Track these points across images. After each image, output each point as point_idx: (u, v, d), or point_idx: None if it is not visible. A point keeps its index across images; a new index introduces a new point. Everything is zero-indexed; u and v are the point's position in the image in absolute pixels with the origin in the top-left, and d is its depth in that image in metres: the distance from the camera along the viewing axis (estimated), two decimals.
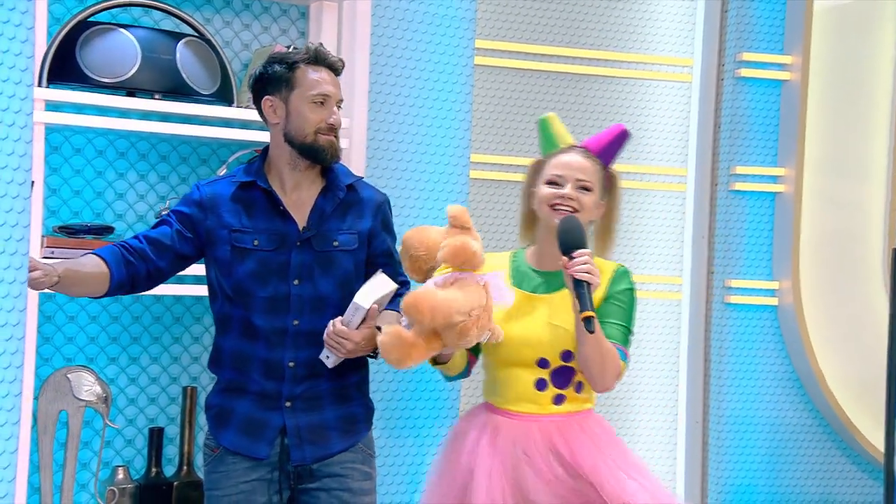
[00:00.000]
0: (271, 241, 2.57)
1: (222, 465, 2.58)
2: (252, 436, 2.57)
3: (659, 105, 4.08)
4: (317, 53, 2.59)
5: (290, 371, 2.57)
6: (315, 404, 2.60)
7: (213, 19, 3.29)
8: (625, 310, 2.66)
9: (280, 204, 2.58)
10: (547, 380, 2.65)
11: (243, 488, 2.56)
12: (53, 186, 3.09)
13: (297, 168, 2.61)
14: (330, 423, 2.62)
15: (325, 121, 2.57)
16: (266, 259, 2.55)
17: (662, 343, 4.08)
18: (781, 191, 3.97)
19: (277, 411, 2.58)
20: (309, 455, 2.58)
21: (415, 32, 3.43)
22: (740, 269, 3.96)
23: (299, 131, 2.56)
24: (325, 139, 2.57)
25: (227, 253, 2.56)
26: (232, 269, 2.56)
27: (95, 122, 2.94)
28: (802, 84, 3.92)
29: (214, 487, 2.60)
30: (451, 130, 3.50)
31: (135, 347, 3.23)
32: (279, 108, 2.58)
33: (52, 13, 3.01)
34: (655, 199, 4.08)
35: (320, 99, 2.57)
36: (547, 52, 3.92)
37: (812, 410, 3.98)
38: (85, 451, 3.15)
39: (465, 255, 2.45)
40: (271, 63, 2.59)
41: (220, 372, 2.65)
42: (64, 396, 3.00)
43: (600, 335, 2.53)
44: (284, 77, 2.56)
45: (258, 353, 2.56)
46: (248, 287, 2.55)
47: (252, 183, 2.60)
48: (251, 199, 2.59)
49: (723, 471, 3.94)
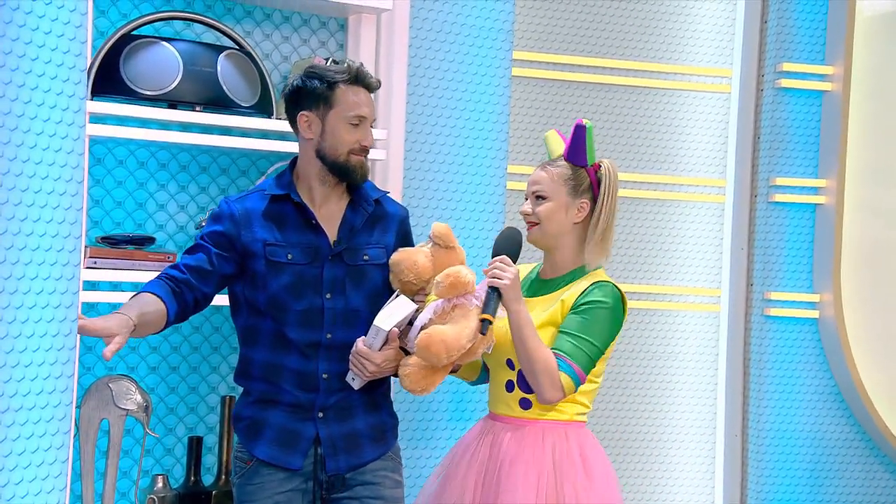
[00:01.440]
0: (305, 254, 2.58)
1: (257, 476, 2.58)
2: (286, 447, 2.58)
3: (698, 116, 4.06)
4: (358, 73, 2.60)
5: (325, 383, 2.59)
6: (347, 414, 2.62)
7: (253, 32, 3.32)
8: (583, 322, 2.59)
9: (312, 218, 2.60)
10: (514, 381, 2.68)
11: (278, 499, 2.57)
12: (96, 197, 3.12)
13: (327, 183, 2.63)
14: (362, 432, 2.64)
15: (359, 142, 2.59)
16: (301, 272, 2.57)
17: (701, 355, 4.05)
18: (822, 202, 3.94)
19: (310, 422, 2.59)
20: (343, 464, 2.60)
21: (452, 44, 3.44)
22: (780, 282, 3.93)
23: (333, 150, 2.58)
24: (356, 159, 2.60)
25: (262, 266, 2.57)
26: (267, 283, 2.57)
27: (138, 133, 2.97)
28: (844, 94, 3.89)
29: (249, 499, 2.60)
30: (489, 142, 3.50)
31: (174, 357, 3.25)
32: (315, 125, 2.59)
33: (96, 27, 3.05)
34: (694, 210, 4.06)
35: (357, 120, 2.58)
36: (584, 63, 3.91)
37: (854, 424, 3.94)
38: (125, 459, 3.17)
39: (460, 288, 2.53)
40: (310, 78, 2.59)
41: (249, 384, 2.65)
42: (106, 405, 3.03)
43: (531, 341, 2.54)
44: (323, 94, 2.57)
45: (291, 365, 2.57)
46: (284, 300, 2.56)
47: (284, 196, 2.61)
48: (283, 213, 2.60)
49: (762, 485, 3.90)
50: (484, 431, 2.74)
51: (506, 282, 2.53)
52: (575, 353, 2.57)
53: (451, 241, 2.63)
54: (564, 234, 2.71)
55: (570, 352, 2.57)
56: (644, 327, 3.99)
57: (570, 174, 2.70)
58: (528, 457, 2.61)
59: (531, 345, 2.55)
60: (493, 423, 2.74)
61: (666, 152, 4.03)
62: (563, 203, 2.69)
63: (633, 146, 3.99)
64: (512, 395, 2.67)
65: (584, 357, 2.58)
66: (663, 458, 4.01)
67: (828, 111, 3.94)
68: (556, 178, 2.70)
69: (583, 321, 2.60)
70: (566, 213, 2.69)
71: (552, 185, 2.70)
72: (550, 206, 2.69)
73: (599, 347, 2.61)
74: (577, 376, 2.57)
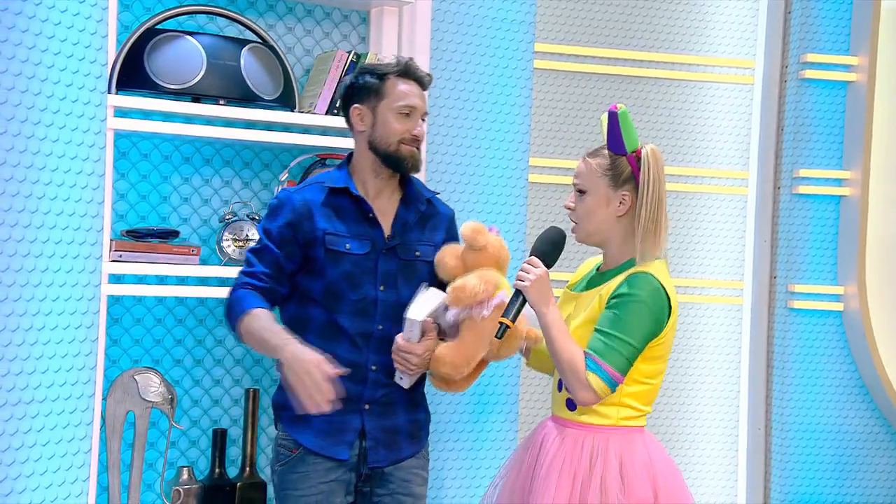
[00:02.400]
0: (362, 245, 2.63)
1: (302, 465, 2.60)
2: (333, 437, 2.60)
3: (720, 107, 4.04)
4: (407, 67, 2.67)
5: (373, 375, 2.62)
6: (389, 409, 2.66)
7: (275, 25, 3.33)
8: (614, 318, 2.48)
9: (370, 211, 2.64)
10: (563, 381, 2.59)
11: (322, 489, 2.59)
12: (121, 191, 3.15)
13: (380, 176, 2.67)
14: (402, 428, 2.68)
15: (409, 131, 2.64)
16: (358, 262, 2.61)
17: (724, 348, 4.04)
18: (847, 194, 3.91)
19: (356, 413, 2.62)
20: (383, 458, 2.64)
21: (474, 36, 3.44)
22: (804, 274, 3.90)
23: (383, 140, 2.63)
24: (407, 149, 2.64)
25: (322, 255, 2.60)
26: (325, 271, 2.60)
27: (162, 127, 3.00)
28: (869, 85, 3.85)
29: (292, 488, 2.61)
30: (511, 134, 3.50)
31: (199, 350, 3.28)
32: (366, 117, 2.65)
33: (120, 21, 3.07)
34: (717, 202, 4.04)
35: (406, 110, 2.63)
36: (607, 55, 3.90)
37: (878, 417, 3.91)
38: (151, 451, 3.20)
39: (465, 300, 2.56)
40: (363, 74, 2.67)
41: None
42: (131, 397, 3.05)
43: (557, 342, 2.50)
44: (374, 87, 2.64)
45: (341, 355, 2.58)
46: (341, 289, 2.59)
47: (342, 189, 2.65)
48: (340, 205, 2.64)
49: (786, 479, 3.88)
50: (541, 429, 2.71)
51: (527, 284, 2.52)
52: (605, 352, 2.46)
53: (476, 243, 2.63)
54: (607, 229, 2.59)
55: (600, 350, 2.46)
56: None
57: (609, 164, 2.56)
58: (566, 459, 2.55)
59: (557, 346, 2.51)
60: (548, 423, 2.69)
61: (689, 144, 4.02)
62: (604, 196, 2.57)
63: (657, 138, 3.97)
64: (561, 394, 2.63)
65: (617, 356, 2.46)
66: (686, 451, 4.00)
67: (852, 102, 3.91)
68: (595, 169, 2.58)
69: (614, 317, 2.48)
70: (607, 206, 2.57)
71: (591, 177, 2.58)
72: (589, 202, 2.58)
73: (634, 345, 2.47)
74: (609, 376, 2.46)
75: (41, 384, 1.96)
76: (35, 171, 1.92)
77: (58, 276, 1.99)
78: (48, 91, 1.94)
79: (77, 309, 2.03)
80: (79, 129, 2.01)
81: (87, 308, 2.06)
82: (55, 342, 1.98)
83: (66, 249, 2.00)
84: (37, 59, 1.92)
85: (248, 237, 3.14)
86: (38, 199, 1.94)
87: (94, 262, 2.07)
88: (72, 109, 2.00)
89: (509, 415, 3.48)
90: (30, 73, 1.91)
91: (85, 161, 2.03)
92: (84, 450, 2.09)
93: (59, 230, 1.98)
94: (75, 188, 2.01)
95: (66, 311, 2.00)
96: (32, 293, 1.94)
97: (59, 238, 1.99)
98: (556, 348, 2.51)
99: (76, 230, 2.03)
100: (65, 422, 2.02)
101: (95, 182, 2.06)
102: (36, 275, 1.95)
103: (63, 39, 1.97)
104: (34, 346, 1.93)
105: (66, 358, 2.01)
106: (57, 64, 1.96)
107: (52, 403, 1.99)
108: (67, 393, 2.02)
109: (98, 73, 2.04)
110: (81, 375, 2.05)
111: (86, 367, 2.06)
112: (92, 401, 2.10)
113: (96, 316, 2.09)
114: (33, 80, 1.93)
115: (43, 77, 1.94)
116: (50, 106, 1.94)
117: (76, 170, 2.01)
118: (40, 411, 1.97)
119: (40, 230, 1.94)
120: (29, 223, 1.92)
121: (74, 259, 2.02)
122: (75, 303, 2.02)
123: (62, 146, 1.97)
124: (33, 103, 1.92)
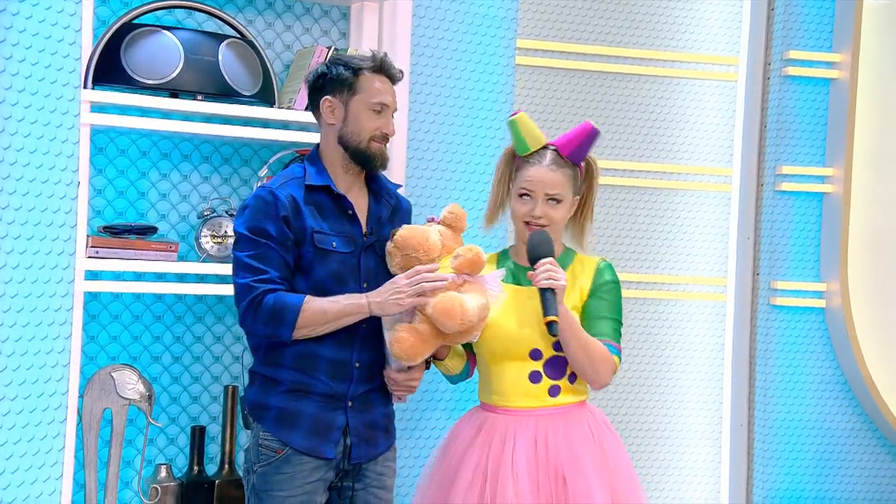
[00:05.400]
0: (346, 244, 2.61)
1: (288, 465, 2.57)
2: (320, 437, 2.59)
3: (703, 104, 4.04)
4: (382, 63, 2.65)
5: (357, 371, 2.62)
6: (369, 405, 2.66)
7: (255, 21, 3.31)
8: (611, 303, 2.72)
9: (350, 208, 2.63)
10: (541, 371, 2.69)
11: (307, 488, 2.58)
12: (98, 187, 3.12)
13: (350, 172, 2.66)
14: (378, 423, 2.69)
15: (380, 129, 2.62)
16: (343, 261, 2.60)
17: (707, 345, 4.04)
18: (829, 191, 3.91)
19: (341, 411, 2.61)
20: (364, 454, 2.64)
21: (455, 32, 3.43)
22: (787, 271, 3.91)
23: (354, 136, 2.61)
24: (376, 146, 2.63)
25: (310, 253, 2.58)
26: (313, 270, 2.58)
27: (139, 123, 2.97)
28: (851, 82, 3.86)
29: (277, 489, 2.58)
30: (492, 130, 3.49)
31: (177, 347, 3.26)
32: (338, 110, 2.62)
33: (97, 16, 3.05)
34: (700, 199, 4.04)
35: (379, 107, 2.62)
36: (589, 52, 3.89)
37: (860, 414, 3.92)
38: (129, 448, 3.18)
39: (478, 267, 2.60)
40: (335, 64, 2.63)
41: (278, 372, 2.60)
42: (108, 394, 3.03)
43: (582, 335, 2.61)
44: (348, 81, 2.61)
45: (324, 354, 2.58)
46: (329, 288, 2.57)
47: (321, 187, 2.61)
48: (321, 203, 2.62)
49: (768, 475, 3.88)
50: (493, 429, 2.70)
51: (563, 283, 2.57)
52: (615, 335, 2.71)
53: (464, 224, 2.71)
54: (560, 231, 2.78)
55: (612, 335, 2.70)
56: (650, 317, 3.98)
57: (573, 174, 2.73)
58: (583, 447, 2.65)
59: (585, 339, 2.63)
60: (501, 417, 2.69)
61: (672, 141, 4.01)
62: (570, 203, 2.74)
63: (639, 135, 3.97)
64: (539, 385, 2.68)
65: (619, 334, 2.73)
66: (669, 447, 4.00)
67: (835, 99, 3.91)
68: (567, 179, 2.71)
69: (610, 302, 2.72)
70: (569, 211, 2.75)
71: (565, 186, 2.71)
72: (563, 210, 2.71)
73: (622, 322, 2.76)
74: (621, 353, 2.72)
75: (13, 381, 1.95)
76: (6, 166, 1.90)
77: (30, 273, 1.97)
78: (19, 85, 1.93)
79: (50, 306, 2.02)
80: (51, 125, 1.99)
81: (60, 305, 2.04)
82: (27, 339, 1.96)
83: (39, 245, 1.99)
84: (7, 53, 1.90)
85: (226, 233, 3.12)
86: (9, 194, 1.92)
87: (68, 259, 2.05)
88: (44, 104, 1.98)
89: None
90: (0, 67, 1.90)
91: (58, 157, 2.01)
92: (57, 447, 2.07)
93: (31, 226, 1.97)
94: (48, 184, 1.99)
95: (39, 308, 1.98)
96: (3, 289, 1.92)
97: (31, 234, 1.98)
98: (583, 342, 2.63)
99: (49, 226, 2.01)
100: (37, 419, 2.01)
101: (69, 178, 2.04)
102: (7, 271, 1.93)
103: (35, 34, 1.95)
104: (5, 342, 1.91)
105: (38, 355, 1.99)
106: (28, 58, 1.95)
107: (24, 401, 1.98)
108: (40, 391, 2.00)
109: (71, 67, 2.02)
110: (54, 373, 2.03)
111: (59, 364, 2.05)
112: (65, 398, 2.08)
113: (70, 313, 2.07)
114: (3, 75, 1.91)
115: (14, 71, 1.92)
116: (21, 101, 1.92)
117: (49, 165, 2.00)
118: (11, 409, 1.95)
119: (11, 226, 1.92)
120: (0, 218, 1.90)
121: (47, 255, 2.00)
122: (48, 299, 2.00)
123: (34, 141, 1.96)
124: (4, 98, 1.90)
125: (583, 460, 2.64)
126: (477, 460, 2.68)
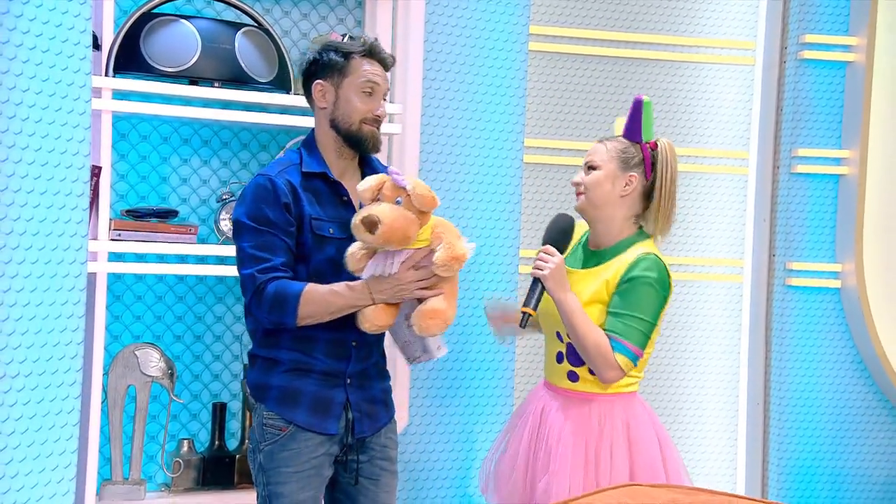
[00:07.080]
0: (342, 230, 2.64)
1: (294, 442, 2.65)
2: (322, 413, 2.66)
3: (720, 88, 4.06)
4: (372, 47, 2.68)
5: (354, 350, 2.68)
6: (367, 381, 2.73)
7: (272, 9, 3.40)
8: (631, 299, 2.63)
9: (345, 194, 2.67)
10: (563, 353, 2.74)
11: (314, 463, 2.65)
12: (121, 172, 3.24)
13: (343, 156, 2.70)
14: (378, 397, 2.75)
15: (371, 111, 2.65)
16: (341, 246, 2.63)
17: (724, 325, 4.07)
18: (845, 173, 3.92)
19: (340, 388, 2.68)
20: (368, 428, 2.71)
21: (469, 19, 3.47)
22: (802, 252, 3.93)
23: (345, 118, 2.65)
24: (368, 129, 2.66)
25: (309, 240, 2.63)
26: (311, 256, 2.63)
27: (160, 109, 3.07)
28: (867, 65, 3.86)
29: (284, 465, 2.66)
30: (506, 115, 3.53)
31: (199, 326, 3.37)
32: (329, 93, 2.66)
33: (119, 5, 3.15)
34: (717, 182, 4.06)
35: (369, 88, 2.64)
36: (603, 38, 3.92)
37: (876, 392, 3.94)
38: (153, 424, 3.30)
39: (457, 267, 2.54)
40: (327, 50, 2.67)
41: (278, 353, 2.68)
42: (132, 372, 3.15)
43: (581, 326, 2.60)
44: (338, 65, 2.65)
45: (322, 335, 2.64)
46: (326, 274, 2.63)
47: (318, 173, 2.67)
48: (317, 189, 2.67)
49: (783, 453, 3.92)
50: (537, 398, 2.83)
51: (546, 272, 2.60)
52: (627, 332, 2.62)
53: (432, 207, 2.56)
54: (609, 206, 2.74)
55: (622, 332, 2.62)
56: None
57: (623, 148, 2.75)
58: (575, 430, 2.68)
59: (581, 330, 2.62)
60: (545, 391, 2.81)
61: (689, 125, 4.04)
62: (611, 174, 2.73)
63: (657, 119, 3.97)
64: (561, 366, 2.75)
65: (638, 334, 2.63)
66: (686, 426, 4.04)
67: (851, 82, 3.92)
68: (609, 150, 2.75)
69: (631, 298, 2.63)
70: (613, 184, 2.73)
71: (603, 156, 2.74)
72: (598, 175, 2.73)
73: (650, 321, 2.65)
74: (634, 354, 2.63)
75: (27, 358, 2.02)
76: (18, 150, 1.99)
77: (42, 254, 2.05)
78: (30, 72, 2.00)
79: (63, 286, 2.09)
80: (62, 110, 2.07)
81: (73, 285, 2.11)
82: (41, 318, 2.04)
83: (51, 228, 2.06)
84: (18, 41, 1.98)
85: None
86: (21, 178, 2.01)
87: (80, 241, 2.13)
88: (55, 90, 2.06)
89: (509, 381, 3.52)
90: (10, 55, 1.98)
91: (69, 142, 2.09)
92: (72, 422, 2.16)
93: (43, 209, 2.04)
94: (59, 167, 2.07)
95: (52, 289, 2.06)
96: (17, 270, 2.00)
97: (43, 216, 2.06)
98: (580, 333, 2.62)
99: (61, 209, 2.09)
100: (52, 395, 2.08)
101: (80, 162, 2.13)
102: (20, 252, 2.01)
103: (45, 22, 2.03)
104: (19, 321, 1.99)
105: (51, 333, 2.07)
106: (39, 45, 2.02)
107: (39, 377, 2.06)
108: (54, 367, 2.08)
109: (82, 54, 2.10)
110: (69, 350, 2.11)
111: (72, 342, 2.12)
112: (80, 375, 2.16)
113: (82, 293, 2.15)
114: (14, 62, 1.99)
115: (24, 59, 2.00)
116: (32, 87, 2.00)
117: (60, 150, 2.08)
118: (26, 385, 2.03)
119: (24, 209, 2.00)
120: (12, 202, 1.98)
121: (59, 237, 2.08)
122: (60, 280, 2.08)
123: (45, 126, 2.03)
124: (15, 84, 1.99)
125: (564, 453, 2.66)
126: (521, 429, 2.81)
